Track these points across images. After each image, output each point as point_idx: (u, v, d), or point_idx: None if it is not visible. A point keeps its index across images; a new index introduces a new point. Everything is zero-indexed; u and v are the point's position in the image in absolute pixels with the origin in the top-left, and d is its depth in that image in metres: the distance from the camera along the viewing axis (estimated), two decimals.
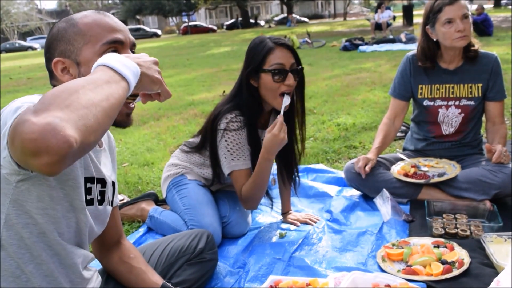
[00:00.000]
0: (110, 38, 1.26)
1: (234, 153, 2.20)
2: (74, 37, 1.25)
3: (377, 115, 4.79)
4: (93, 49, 1.25)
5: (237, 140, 2.20)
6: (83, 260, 1.33)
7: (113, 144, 1.56)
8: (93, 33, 1.25)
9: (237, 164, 2.21)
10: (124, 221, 2.70)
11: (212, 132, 2.24)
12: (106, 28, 1.27)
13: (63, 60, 1.26)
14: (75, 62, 1.25)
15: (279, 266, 2.07)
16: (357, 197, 2.74)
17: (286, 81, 2.10)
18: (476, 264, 1.91)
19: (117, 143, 4.61)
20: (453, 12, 2.47)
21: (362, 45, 12.92)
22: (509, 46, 10.26)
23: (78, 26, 1.26)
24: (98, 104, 0.92)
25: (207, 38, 29.53)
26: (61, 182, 1.20)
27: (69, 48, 1.25)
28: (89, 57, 1.24)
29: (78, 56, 1.25)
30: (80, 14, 1.29)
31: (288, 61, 2.11)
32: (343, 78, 7.86)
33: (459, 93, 2.65)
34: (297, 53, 2.17)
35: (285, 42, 2.14)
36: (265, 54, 2.11)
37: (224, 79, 9.15)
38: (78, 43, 1.25)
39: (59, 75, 1.26)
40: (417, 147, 2.85)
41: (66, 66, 1.26)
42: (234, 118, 2.19)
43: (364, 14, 55.08)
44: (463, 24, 2.46)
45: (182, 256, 1.88)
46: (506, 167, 2.42)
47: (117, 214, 1.61)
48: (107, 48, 1.25)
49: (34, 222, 1.16)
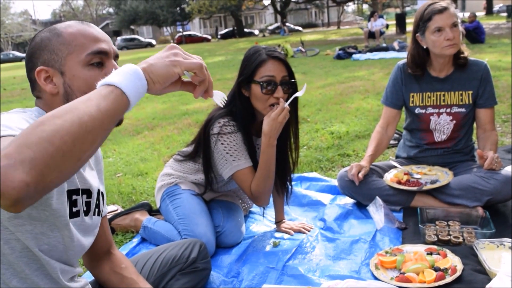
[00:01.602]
0: (95, 48, 1.26)
1: (234, 154, 2.20)
2: (59, 46, 1.25)
3: (371, 123, 4.81)
4: (78, 59, 1.25)
5: (234, 142, 2.21)
6: (70, 274, 1.33)
7: (98, 155, 1.53)
8: (78, 42, 1.25)
9: (239, 164, 2.21)
10: (117, 231, 2.69)
11: (205, 138, 2.25)
12: (91, 38, 1.27)
13: (46, 69, 1.25)
14: (59, 71, 1.25)
15: (273, 275, 2.07)
16: (351, 205, 2.75)
17: (275, 94, 2.11)
18: (469, 271, 1.91)
19: (111, 153, 4.61)
20: (443, 20, 2.49)
21: (356, 53, 12.98)
22: (501, 53, 10.36)
23: (63, 36, 1.25)
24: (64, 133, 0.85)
25: (201, 48, 29.60)
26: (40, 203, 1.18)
27: (53, 57, 1.25)
28: (74, 66, 1.25)
29: (63, 65, 1.25)
30: (64, 24, 1.29)
31: (279, 74, 2.11)
32: (337, 86, 7.89)
33: (450, 101, 2.67)
34: (290, 66, 2.18)
35: (278, 55, 2.14)
36: (257, 65, 2.11)
37: (219, 88, 9.02)
38: (62, 52, 1.25)
39: (42, 84, 1.26)
40: (410, 154, 2.86)
41: (50, 75, 1.26)
42: (227, 123, 2.20)
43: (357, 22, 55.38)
44: (452, 33, 2.49)
45: (175, 266, 1.88)
46: (498, 174, 2.44)
47: (106, 224, 1.61)
48: (92, 58, 1.25)
49: (15, 237, 1.16)
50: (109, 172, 3.97)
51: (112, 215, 2.74)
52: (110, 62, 1.29)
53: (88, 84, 1.23)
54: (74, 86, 1.25)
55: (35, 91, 1.31)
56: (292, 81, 2.16)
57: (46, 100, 1.29)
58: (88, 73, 1.25)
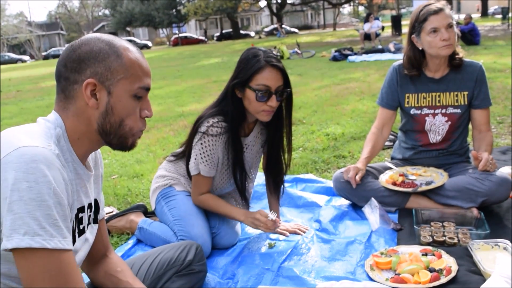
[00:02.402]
0: (147, 84, 1.32)
1: (204, 158, 2.25)
2: (116, 67, 1.26)
3: (366, 124, 4.82)
4: (129, 87, 1.28)
5: (212, 146, 2.24)
6: None
7: (99, 161, 1.54)
8: (134, 72, 1.29)
9: (203, 170, 2.28)
10: (113, 233, 2.69)
11: (193, 133, 2.28)
12: (145, 72, 1.32)
13: (97, 83, 1.25)
14: (107, 90, 1.26)
15: (268, 276, 2.07)
16: (346, 207, 2.75)
17: (268, 102, 2.13)
18: (464, 272, 1.92)
19: (107, 155, 4.60)
20: (438, 21, 2.50)
21: (351, 55, 13.00)
22: (496, 55, 10.40)
23: (123, 59, 1.27)
24: None
25: (197, 50, 29.60)
26: None
27: (106, 74, 1.26)
28: (122, 92, 1.28)
29: (113, 86, 1.26)
30: (122, 45, 1.30)
31: (275, 83, 2.12)
32: (333, 88, 7.90)
33: (446, 102, 2.68)
34: (287, 74, 2.18)
35: (276, 63, 2.13)
36: (254, 71, 2.11)
37: (214, 90, 9.17)
38: (118, 74, 1.26)
39: (86, 96, 1.25)
40: (405, 155, 2.87)
41: (96, 90, 1.26)
42: (216, 123, 2.22)
43: (353, 24, 55.50)
44: (448, 33, 2.50)
45: (171, 268, 1.87)
46: (493, 175, 2.44)
47: (104, 227, 1.60)
48: (139, 91, 1.30)
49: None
50: (105, 174, 3.96)
51: (108, 216, 2.73)
52: (147, 98, 1.35)
53: (127, 113, 1.30)
54: (116, 110, 1.28)
55: (67, 92, 1.28)
56: (286, 90, 2.17)
57: (78, 110, 1.27)
58: (131, 103, 1.30)
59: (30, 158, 1.09)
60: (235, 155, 2.28)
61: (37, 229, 1.07)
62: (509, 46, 12.37)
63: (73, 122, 1.28)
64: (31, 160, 1.09)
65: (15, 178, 1.06)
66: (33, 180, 1.07)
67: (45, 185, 1.09)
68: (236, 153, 2.27)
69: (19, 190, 1.06)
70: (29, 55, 53.75)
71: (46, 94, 11.45)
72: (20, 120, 7.32)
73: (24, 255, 1.07)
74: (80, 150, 1.31)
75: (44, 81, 15.80)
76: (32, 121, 1.32)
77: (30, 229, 1.06)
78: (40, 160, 1.10)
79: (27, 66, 33.69)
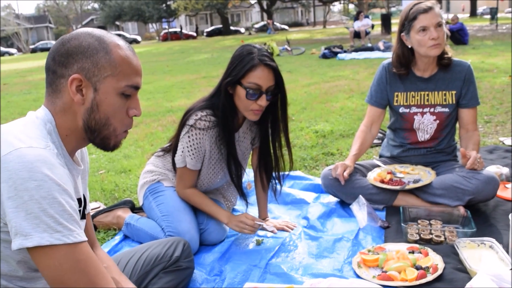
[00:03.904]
0: (135, 83, 1.30)
1: (191, 151, 2.25)
2: (104, 64, 1.24)
3: (355, 122, 4.83)
4: (116, 85, 1.26)
5: (198, 140, 2.23)
6: None
7: (85, 156, 1.54)
8: (123, 69, 1.27)
9: (189, 163, 2.28)
10: (100, 229, 2.67)
11: (181, 126, 2.28)
12: (134, 70, 1.30)
13: (82, 78, 1.24)
14: (93, 86, 1.25)
15: (255, 273, 2.06)
16: (334, 204, 2.76)
17: (258, 101, 2.12)
18: (450, 269, 1.93)
19: (94, 149, 4.54)
20: (427, 20, 2.51)
21: (341, 53, 13.02)
22: (484, 54, 10.48)
23: (111, 55, 1.25)
24: None
25: (187, 45, 29.49)
26: None
27: (93, 70, 1.24)
28: (109, 89, 1.26)
29: (100, 83, 1.25)
30: (113, 40, 1.28)
31: (267, 83, 2.11)
32: (322, 85, 7.91)
33: (434, 101, 2.69)
34: (280, 73, 2.16)
35: (270, 62, 2.11)
36: (247, 70, 2.10)
37: (204, 85, 9.14)
38: (105, 71, 1.25)
39: (71, 92, 1.24)
40: (393, 153, 2.88)
41: (82, 85, 1.24)
42: (204, 117, 2.21)
43: (343, 22, 55.63)
44: (437, 32, 2.50)
45: (158, 264, 1.87)
46: (480, 174, 2.46)
47: (90, 222, 1.59)
48: (127, 90, 1.28)
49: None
50: (92, 169, 3.93)
51: (94, 212, 2.71)
52: (136, 96, 1.33)
53: (113, 111, 1.28)
54: (101, 107, 1.26)
55: (54, 85, 1.27)
56: (277, 91, 2.17)
57: (65, 105, 1.26)
58: (118, 101, 1.28)
59: (33, 158, 1.10)
60: (229, 149, 2.27)
61: (55, 226, 1.09)
62: (497, 46, 12.49)
63: (61, 118, 1.27)
64: (34, 160, 1.09)
65: (22, 178, 1.07)
66: (40, 178, 1.08)
67: (53, 182, 1.10)
68: (229, 147, 2.26)
69: (27, 190, 1.07)
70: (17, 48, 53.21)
71: (34, 87, 11.32)
72: (7, 114, 7.24)
73: (46, 253, 1.09)
74: (69, 146, 1.31)
75: (31, 75, 15.64)
76: (19, 115, 1.31)
77: (48, 227, 1.08)
78: (42, 161, 1.11)
79: (14, 59, 33.33)
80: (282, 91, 2.20)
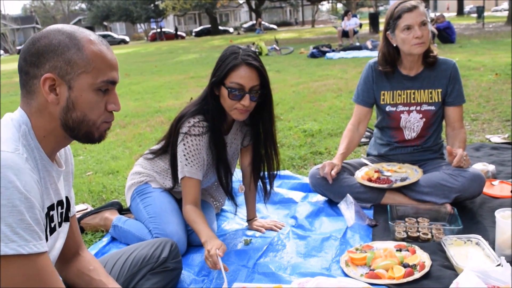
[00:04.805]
0: (111, 78, 1.27)
1: (189, 159, 2.20)
2: (76, 60, 1.21)
3: (343, 121, 4.84)
4: (91, 81, 1.24)
5: (195, 146, 2.20)
6: None
7: (69, 157, 1.51)
8: (96, 65, 1.24)
9: (190, 171, 2.21)
10: (87, 230, 2.65)
11: (175, 135, 2.24)
12: (109, 65, 1.27)
13: (55, 77, 1.20)
14: (67, 84, 1.22)
15: (243, 273, 2.06)
16: (322, 203, 2.76)
17: (242, 101, 2.10)
18: (437, 267, 1.94)
19: (82, 151, 4.54)
20: (412, 19, 2.52)
21: (329, 52, 13.05)
22: (471, 53, 10.56)
23: (84, 52, 1.22)
24: None
25: (175, 45, 29.38)
26: None
27: (66, 68, 1.21)
28: (84, 86, 1.23)
29: (74, 81, 1.22)
30: (85, 36, 1.25)
31: (249, 82, 2.08)
32: (310, 84, 7.92)
33: (420, 99, 2.70)
34: (264, 73, 2.13)
35: (252, 61, 2.09)
36: (229, 69, 2.08)
37: (192, 86, 9.12)
38: (78, 68, 1.22)
39: (45, 92, 1.21)
40: (381, 152, 2.89)
41: (56, 85, 1.21)
42: (197, 123, 2.19)
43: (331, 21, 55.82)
44: (421, 31, 2.52)
45: (145, 265, 1.85)
46: (466, 171, 2.48)
47: (75, 224, 1.58)
48: (103, 85, 1.26)
49: None
50: (80, 171, 3.91)
51: (81, 214, 2.69)
52: (113, 91, 1.31)
53: (90, 107, 1.25)
54: (78, 105, 1.24)
55: (27, 87, 1.24)
56: (261, 91, 2.14)
57: (40, 105, 1.24)
58: (94, 97, 1.25)
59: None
60: (218, 153, 2.25)
61: (11, 235, 1.05)
62: (484, 44, 12.60)
63: (37, 119, 1.25)
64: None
65: None
66: (3, 185, 1.05)
67: (15, 190, 1.07)
68: (219, 151, 2.25)
69: None
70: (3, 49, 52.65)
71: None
72: None
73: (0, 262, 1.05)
74: (47, 147, 1.28)
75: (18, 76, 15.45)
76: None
77: (4, 236, 1.04)
78: (9, 165, 1.08)
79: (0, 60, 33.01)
80: (267, 91, 2.18)
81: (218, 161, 2.27)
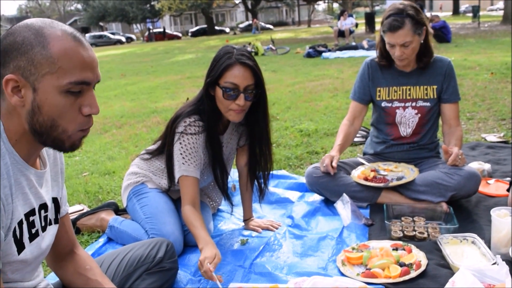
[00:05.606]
0: (81, 78, 1.14)
1: (186, 157, 2.19)
2: (40, 60, 1.10)
3: (339, 120, 4.81)
4: (57, 83, 1.12)
5: (192, 145, 2.19)
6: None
7: (58, 157, 1.44)
8: (62, 65, 1.12)
9: (187, 169, 2.18)
10: (83, 231, 2.64)
11: (171, 135, 2.24)
12: (78, 64, 1.13)
13: (18, 79, 1.10)
14: (31, 86, 1.11)
15: (240, 273, 2.06)
16: (318, 202, 2.76)
17: (236, 101, 2.09)
18: (433, 266, 1.95)
19: (77, 152, 4.52)
20: (394, 39, 2.56)
21: (326, 51, 13.06)
22: (467, 52, 10.59)
23: (49, 50, 1.10)
24: None
25: (171, 45, 29.35)
26: None
27: (30, 68, 1.10)
28: (49, 89, 1.12)
29: (38, 82, 1.11)
30: (53, 32, 1.13)
31: (244, 82, 2.07)
32: (306, 84, 7.93)
33: (415, 95, 2.72)
34: (259, 73, 2.12)
35: (246, 61, 2.08)
36: (223, 69, 2.08)
37: (188, 86, 9.11)
38: (42, 68, 1.10)
39: (8, 94, 1.11)
40: (377, 150, 2.90)
41: (19, 86, 1.11)
42: (193, 123, 2.18)
43: (327, 21, 55.85)
44: (401, 51, 2.56)
45: (141, 265, 1.85)
46: (462, 170, 2.49)
47: (68, 222, 1.56)
48: (72, 87, 1.13)
49: None
50: (76, 171, 3.90)
51: (78, 214, 2.69)
52: (89, 92, 1.18)
53: (59, 112, 1.14)
54: (44, 109, 1.13)
55: None
56: (256, 91, 2.13)
57: (9, 107, 1.15)
58: (62, 100, 1.13)
59: None
60: (214, 153, 2.24)
61: None
62: (479, 44, 12.63)
63: (8, 121, 1.16)
64: None
65: None
66: None
67: None
68: (214, 151, 2.24)
69: None
70: None
71: None
72: None
73: None
74: (22, 150, 1.20)
75: None
76: None
77: None
78: None
79: None
80: (261, 90, 2.18)
81: (214, 161, 2.27)
